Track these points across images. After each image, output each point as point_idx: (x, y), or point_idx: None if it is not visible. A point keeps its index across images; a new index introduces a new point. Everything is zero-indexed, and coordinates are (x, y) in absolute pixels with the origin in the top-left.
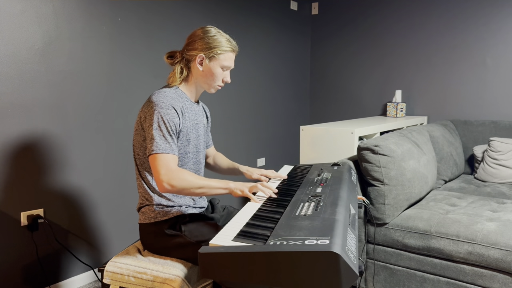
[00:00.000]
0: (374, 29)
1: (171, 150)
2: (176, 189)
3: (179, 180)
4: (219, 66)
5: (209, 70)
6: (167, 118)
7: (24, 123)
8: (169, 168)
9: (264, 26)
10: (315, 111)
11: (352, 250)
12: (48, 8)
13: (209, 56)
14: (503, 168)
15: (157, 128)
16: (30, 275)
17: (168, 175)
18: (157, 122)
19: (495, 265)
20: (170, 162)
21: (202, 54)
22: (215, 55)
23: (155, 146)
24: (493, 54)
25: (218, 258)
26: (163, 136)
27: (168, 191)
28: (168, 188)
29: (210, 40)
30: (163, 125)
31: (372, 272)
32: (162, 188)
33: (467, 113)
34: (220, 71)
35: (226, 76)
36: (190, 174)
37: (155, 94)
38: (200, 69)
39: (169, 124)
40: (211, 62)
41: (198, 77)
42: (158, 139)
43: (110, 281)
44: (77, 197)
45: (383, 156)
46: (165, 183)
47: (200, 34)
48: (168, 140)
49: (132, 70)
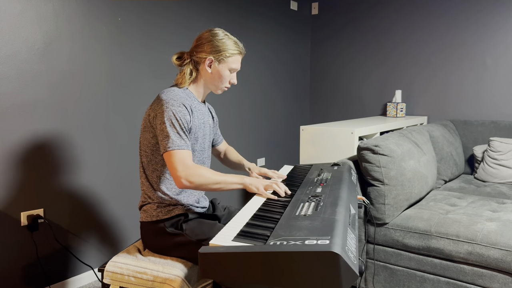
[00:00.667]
0: (374, 29)
1: (186, 146)
2: (194, 185)
3: (196, 176)
4: (227, 69)
5: (218, 72)
6: (179, 116)
7: (24, 123)
8: (186, 165)
9: (264, 26)
10: (315, 111)
11: (352, 250)
12: (48, 8)
13: (218, 59)
14: (503, 168)
15: (170, 125)
16: (30, 275)
17: (185, 171)
18: (170, 120)
19: (495, 265)
20: (186, 158)
21: (211, 56)
22: (224, 58)
23: (170, 143)
24: (493, 54)
25: (218, 258)
26: (177, 133)
27: (186, 187)
28: (186, 185)
29: (219, 43)
30: (176, 122)
31: (372, 272)
32: (180, 184)
33: (467, 113)
34: (228, 73)
35: (233, 78)
36: (207, 170)
37: (165, 93)
38: (209, 71)
39: (181, 121)
40: (220, 65)
41: (207, 79)
42: (173, 136)
43: (110, 281)
44: (77, 197)
45: (383, 156)
46: (183, 179)
47: (209, 37)
48: (182, 136)
49: (132, 70)
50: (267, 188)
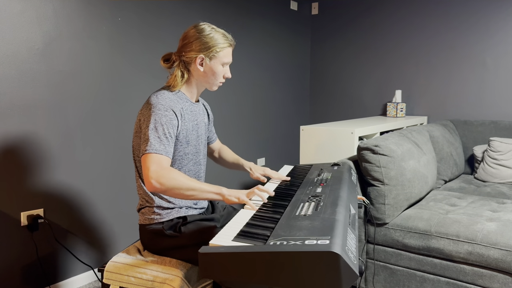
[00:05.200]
0: (374, 29)
1: (165, 152)
2: (164, 187)
3: (168, 178)
4: (220, 64)
5: (210, 69)
6: (164, 120)
7: (24, 123)
8: (160, 166)
9: (264, 26)
10: (315, 111)
11: (352, 250)
12: (48, 8)
13: (209, 56)
14: (503, 168)
15: (153, 129)
16: (30, 275)
17: (157, 172)
18: (154, 124)
19: (495, 265)
20: (162, 161)
21: (202, 54)
22: (215, 53)
23: (149, 146)
24: (493, 54)
25: (218, 258)
26: (158, 137)
27: (156, 189)
28: (156, 186)
29: (207, 39)
30: (160, 127)
31: (372, 272)
32: (150, 185)
33: (467, 113)
34: (221, 69)
35: (227, 72)
36: (181, 175)
37: (154, 96)
38: (201, 70)
39: (166, 126)
40: (211, 61)
41: (199, 78)
42: (153, 140)
43: (110, 281)
44: (77, 197)
45: (383, 156)
46: (154, 180)
47: (195, 34)
48: (163, 142)
49: (132, 70)
50: (249, 195)
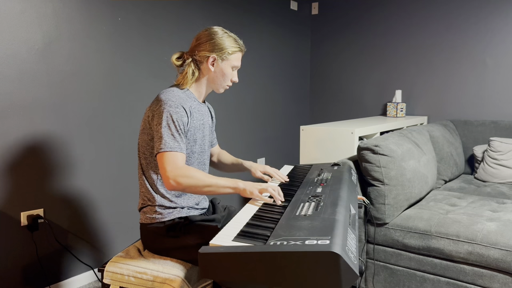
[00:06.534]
0: (374, 29)
1: (179, 148)
2: (182, 186)
3: (186, 177)
4: (230, 66)
5: (221, 70)
6: (176, 117)
7: (24, 123)
8: (176, 165)
9: (264, 26)
10: (315, 111)
11: (352, 250)
12: (48, 8)
13: (221, 57)
14: (503, 168)
15: (166, 126)
16: (30, 275)
17: (174, 171)
18: (166, 121)
19: (495, 265)
20: (178, 159)
21: (214, 55)
22: (227, 55)
23: (163, 144)
24: (493, 54)
25: (218, 258)
26: (172, 135)
27: (174, 188)
28: (174, 185)
29: (220, 41)
30: (172, 123)
31: (372, 272)
32: (168, 185)
33: (467, 113)
34: (230, 71)
35: (234, 76)
36: (198, 172)
37: (164, 93)
38: (212, 70)
39: (178, 122)
40: (223, 63)
41: (209, 78)
42: (167, 137)
43: (110, 281)
44: (77, 197)
45: (383, 156)
46: (172, 180)
47: (209, 35)
48: (177, 138)
49: (132, 70)
50: (262, 191)
